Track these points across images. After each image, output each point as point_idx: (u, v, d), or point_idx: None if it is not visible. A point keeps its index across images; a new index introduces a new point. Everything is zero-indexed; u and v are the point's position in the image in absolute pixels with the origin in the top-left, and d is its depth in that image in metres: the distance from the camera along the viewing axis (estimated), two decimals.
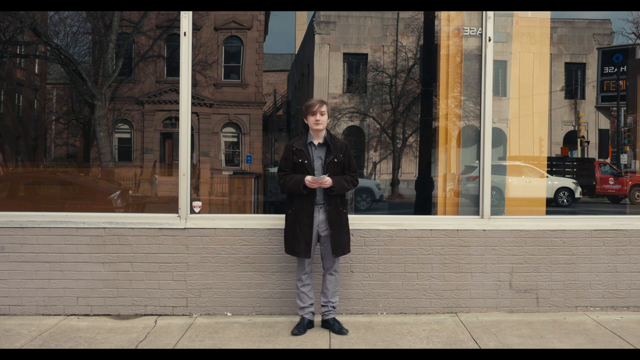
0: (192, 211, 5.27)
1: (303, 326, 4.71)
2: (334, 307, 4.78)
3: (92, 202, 8.26)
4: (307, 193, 4.54)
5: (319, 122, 4.57)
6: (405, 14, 13.64)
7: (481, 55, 5.41)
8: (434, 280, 5.25)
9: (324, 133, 4.65)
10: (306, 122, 4.65)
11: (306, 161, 4.57)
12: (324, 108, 4.60)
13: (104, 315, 5.14)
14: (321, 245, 4.69)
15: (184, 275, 5.15)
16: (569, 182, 11.67)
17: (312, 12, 14.26)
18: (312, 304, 4.77)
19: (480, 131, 5.40)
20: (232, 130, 14.29)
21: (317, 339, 4.55)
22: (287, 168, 4.65)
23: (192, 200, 5.29)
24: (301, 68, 16.00)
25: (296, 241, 4.59)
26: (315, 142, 4.65)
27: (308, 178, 4.50)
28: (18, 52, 10.70)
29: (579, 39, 14.36)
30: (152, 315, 5.14)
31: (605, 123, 14.01)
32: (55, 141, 12.58)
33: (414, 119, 13.43)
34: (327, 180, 4.50)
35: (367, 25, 14.56)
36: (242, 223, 5.23)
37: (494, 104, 5.35)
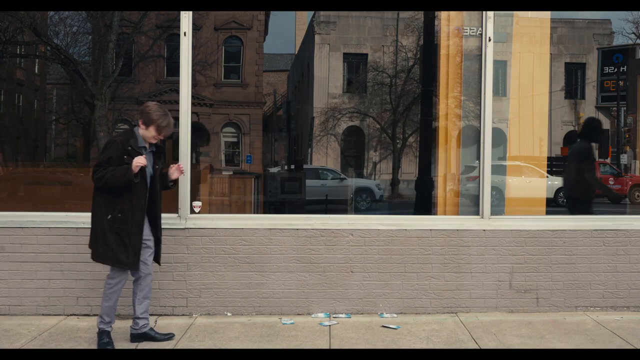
0: (192, 211, 5.27)
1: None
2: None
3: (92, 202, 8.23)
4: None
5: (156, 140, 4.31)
6: (405, 14, 13.64)
7: (481, 55, 5.41)
8: (434, 280, 5.25)
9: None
10: (146, 129, 4.23)
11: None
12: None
13: None
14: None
15: (184, 275, 5.15)
16: None
17: (312, 12, 14.28)
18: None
19: (480, 131, 5.41)
20: (232, 130, 14.30)
21: (317, 339, 4.55)
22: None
23: (192, 200, 5.30)
24: (301, 68, 16.01)
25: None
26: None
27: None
28: (18, 52, 10.70)
29: (579, 39, 14.37)
30: (152, 315, 5.11)
31: (605, 123, 14.01)
32: (55, 141, 12.58)
33: (414, 119, 13.44)
34: None
35: (367, 25, 14.57)
36: (242, 223, 5.23)
37: (494, 104, 5.35)
